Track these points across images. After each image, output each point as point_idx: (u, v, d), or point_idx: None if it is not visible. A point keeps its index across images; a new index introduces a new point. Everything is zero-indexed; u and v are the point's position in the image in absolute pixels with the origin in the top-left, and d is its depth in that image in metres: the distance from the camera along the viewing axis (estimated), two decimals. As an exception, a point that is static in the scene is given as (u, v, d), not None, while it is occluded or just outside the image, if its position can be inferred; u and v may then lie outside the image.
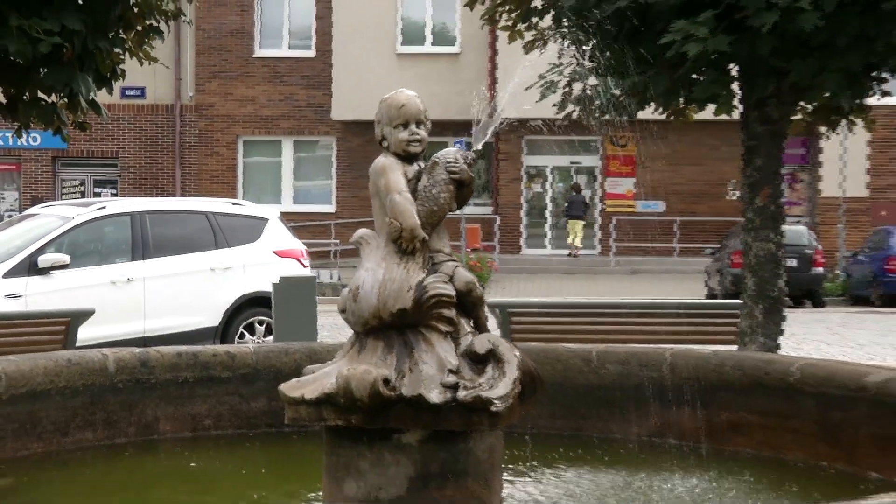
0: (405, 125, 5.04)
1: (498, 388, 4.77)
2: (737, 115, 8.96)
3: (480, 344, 4.87)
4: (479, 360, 4.85)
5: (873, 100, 9.15)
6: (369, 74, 33.42)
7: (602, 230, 37.35)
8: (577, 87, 9.58)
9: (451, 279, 4.87)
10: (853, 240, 34.65)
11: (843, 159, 35.72)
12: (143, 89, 36.14)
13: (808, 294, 29.92)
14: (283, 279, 12.13)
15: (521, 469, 5.89)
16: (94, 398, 6.83)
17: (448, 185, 4.95)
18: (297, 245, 16.63)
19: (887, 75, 8.73)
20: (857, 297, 31.11)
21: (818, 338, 21.13)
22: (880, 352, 18.36)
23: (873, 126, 10.07)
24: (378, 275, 4.85)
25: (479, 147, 5.26)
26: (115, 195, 34.55)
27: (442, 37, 37.08)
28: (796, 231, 29.33)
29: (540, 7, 9.63)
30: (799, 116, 9.14)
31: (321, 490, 5.04)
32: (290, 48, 37.96)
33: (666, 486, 6.05)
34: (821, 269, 30.53)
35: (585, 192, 37.42)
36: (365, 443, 4.82)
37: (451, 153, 5.05)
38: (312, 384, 4.89)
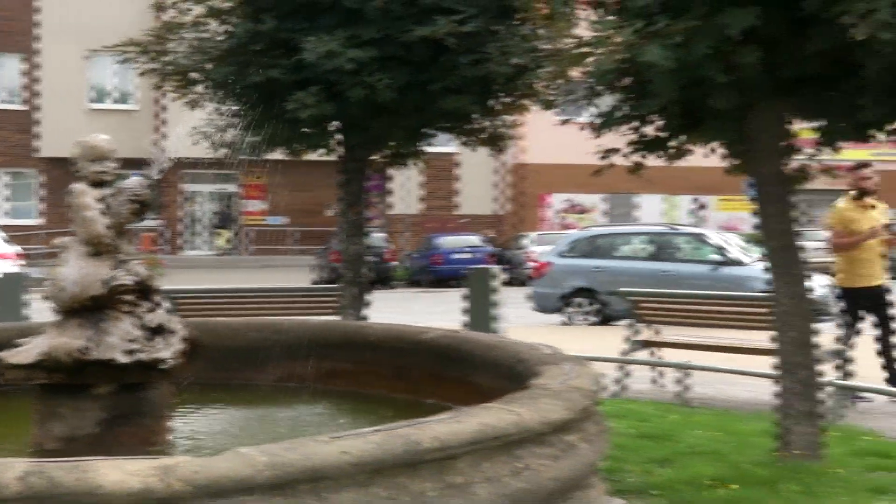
0: (97, 160, 4.84)
1: (167, 350, 4.68)
2: (336, 156, 9.01)
3: (155, 319, 4.76)
4: (154, 332, 4.73)
5: (427, 148, 9.36)
6: (67, 123, 32.94)
7: (241, 237, 37.38)
8: (225, 134, 9.41)
9: (132, 273, 4.73)
10: (412, 242, 35.73)
11: (405, 187, 36.78)
12: None
13: (384, 280, 30.63)
14: (3, 275, 11.44)
15: (186, 409, 5.70)
16: None
17: (130, 204, 4.77)
18: (12, 249, 15.78)
19: (435, 132, 8.93)
20: (416, 281, 32.06)
21: (389, 309, 21.57)
22: (432, 318, 18.91)
23: (425, 165, 10.30)
24: (77, 270, 4.67)
25: (154, 176, 5.10)
26: None
27: (123, 96, 36.34)
28: (375, 237, 30.02)
29: (196, 78, 9.34)
30: (378, 158, 9.26)
31: (32, 432, 4.71)
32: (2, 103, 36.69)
33: (290, 415, 6.00)
34: (391, 263, 31.38)
35: (229, 210, 37.28)
36: (66, 394, 4.58)
37: (133, 181, 4.90)
38: (26, 353, 4.65)
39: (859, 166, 9.09)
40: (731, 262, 16.66)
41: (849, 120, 5.35)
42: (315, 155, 9.33)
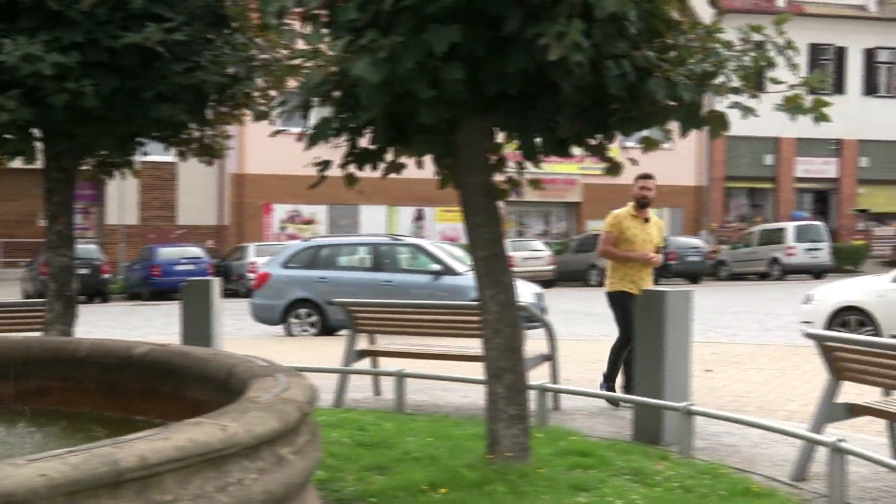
0: None
1: None
2: (40, 164, 8.53)
3: None
4: None
5: (143, 157, 9.04)
6: None
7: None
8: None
9: None
10: (130, 253, 34.44)
11: (122, 197, 35.39)
12: None
13: (99, 293, 29.41)
14: None
15: None
16: None
17: None
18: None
19: (147, 141, 8.62)
20: (133, 294, 30.94)
21: (106, 324, 20.70)
22: (150, 332, 18.28)
23: (140, 175, 9.89)
24: None
25: None
26: None
27: None
28: (88, 248, 28.75)
29: None
30: (86, 167, 8.84)
31: None
32: None
33: None
34: (107, 275, 30.14)
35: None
36: None
37: None
38: None
39: (644, 177, 9.07)
40: (448, 271, 17.16)
41: (547, 135, 5.65)
42: (19, 163, 8.80)
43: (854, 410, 6.30)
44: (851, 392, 7.59)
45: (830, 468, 5.55)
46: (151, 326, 20.11)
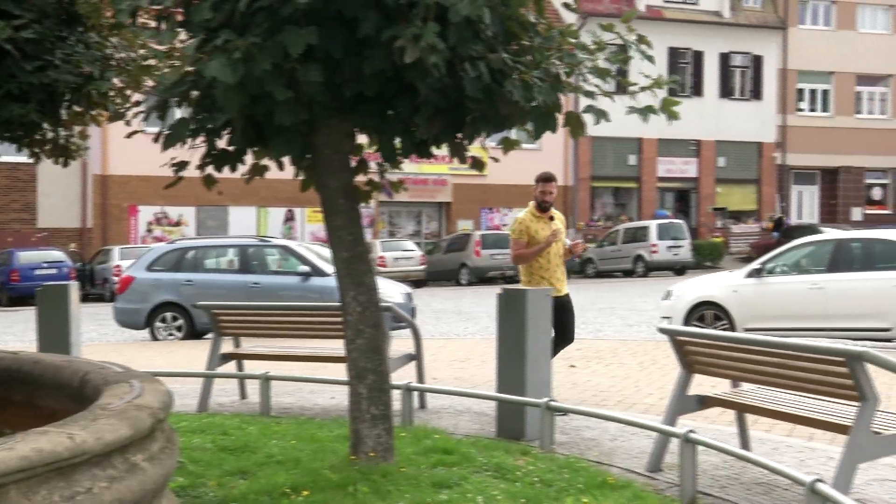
0: None
1: None
2: None
3: None
4: None
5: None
6: None
7: None
8: None
9: None
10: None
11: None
12: None
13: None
14: None
15: None
16: None
17: None
18: None
19: None
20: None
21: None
22: (7, 339, 17.65)
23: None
24: None
25: None
26: None
27: None
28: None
29: None
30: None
31: None
32: None
33: None
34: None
35: None
36: None
37: None
38: None
39: (544, 179, 8.97)
40: (317, 272, 17.06)
41: (406, 137, 5.67)
42: None
43: (705, 402, 6.52)
44: (707, 384, 7.87)
45: (681, 458, 5.74)
46: (10, 333, 19.42)
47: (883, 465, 6.38)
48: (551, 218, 9.06)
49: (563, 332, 8.85)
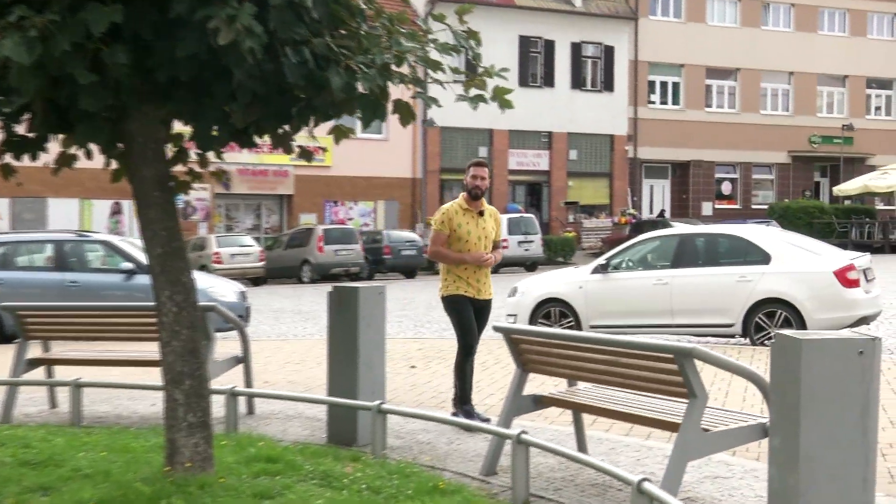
0: None
1: None
2: None
3: None
4: None
5: None
6: None
7: None
8: None
9: None
10: None
11: None
12: None
13: None
14: None
15: None
16: None
17: None
18: None
19: None
20: None
21: None
22: None
23: None
24: None
25: None
26: None
27: None
28: None
29: None
30: None
31: None
32: None
33: None
34: None
35: None
36: None
37: None
38: None
39: (476, 164, 8.56)
40: (142, 270, 16.62)
41: (224, 124, 5.58)
42: None
43: (540, 402, 6.65)
44: (549, 383, 8.03)
45: (514, 461, 5.83)
46: None
47: (717, 463, 6.64)
48: (481, 213, 8.54)
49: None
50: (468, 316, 8.35)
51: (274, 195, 40.39)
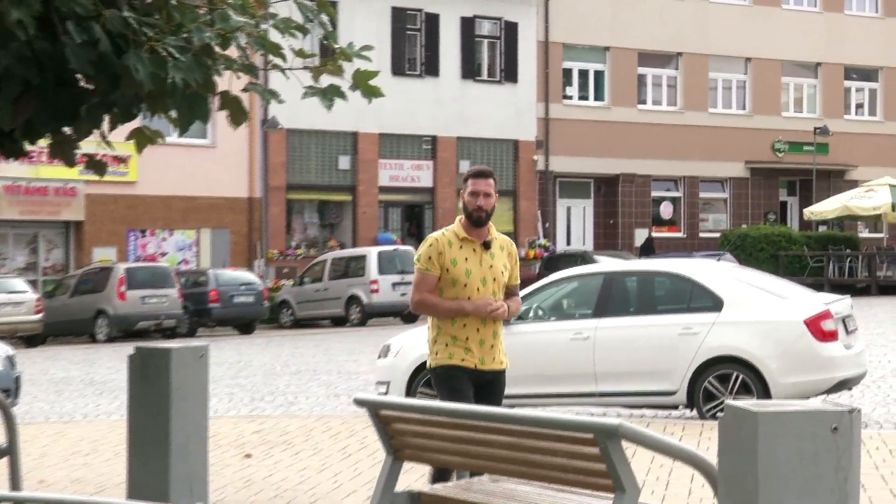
0: None
1: None
2: None
3: None
4: None
5: None
6: None
7: None
8: None
9: None
10: None
11: None
12: None
13: None
14: None
15: None
16: None
17: None
18: None
19: None
20: None
21: None
22: None
23: None
24: None
25: None
26: None
27: None
28: None
29: None
30: None
31: None
32: None
33: None
34: None
35: None
36: None
37: None
38: None
39: (477, 175, 8.03)
40: None
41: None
42: None
43: (418, 500, 6.64)
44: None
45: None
46: None
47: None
48: (487, 245, 7.94)
49: None
50: (464, 392, 7.74)
51: (57, 221, 39.74)
